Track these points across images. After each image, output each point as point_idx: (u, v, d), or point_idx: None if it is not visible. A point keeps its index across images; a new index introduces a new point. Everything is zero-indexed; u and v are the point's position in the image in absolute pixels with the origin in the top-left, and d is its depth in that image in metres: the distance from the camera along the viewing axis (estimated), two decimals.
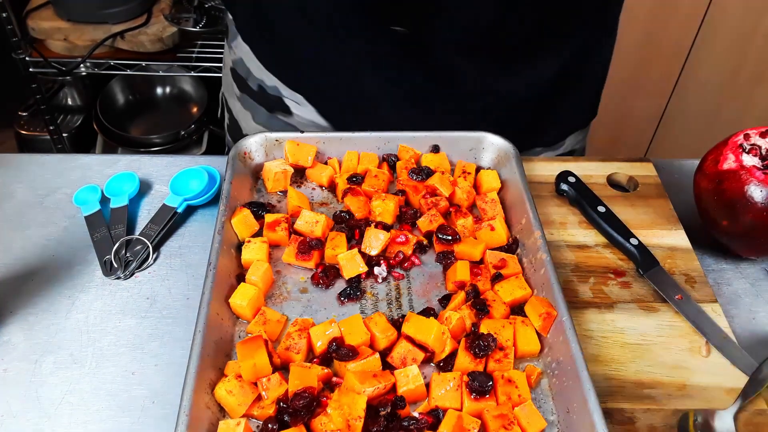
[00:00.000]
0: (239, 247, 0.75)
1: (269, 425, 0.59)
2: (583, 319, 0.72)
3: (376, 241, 0.75)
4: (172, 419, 0.56)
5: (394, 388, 0.63)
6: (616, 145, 2.21)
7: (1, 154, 0.91)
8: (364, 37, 0.85)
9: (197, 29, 1.77)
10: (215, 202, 0.85)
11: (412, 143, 0.85)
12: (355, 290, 0.72)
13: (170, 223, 0.81)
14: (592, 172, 0.89)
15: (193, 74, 1.91)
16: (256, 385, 0.62)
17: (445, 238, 0.76)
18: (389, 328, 0.67)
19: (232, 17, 0.96)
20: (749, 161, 0.72)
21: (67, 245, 0.79)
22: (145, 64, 1.80)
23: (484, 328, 0.67)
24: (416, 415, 0.61)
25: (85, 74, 1.92)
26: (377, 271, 0.74)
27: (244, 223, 0.76)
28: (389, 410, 0.61)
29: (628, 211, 0.84)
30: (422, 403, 0.63)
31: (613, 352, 0.69)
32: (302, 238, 0.75)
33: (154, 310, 0.73)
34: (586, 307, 0.74)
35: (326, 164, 0.85)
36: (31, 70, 1.79)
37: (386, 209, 0.78)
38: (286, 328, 0.69)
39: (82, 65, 1.77)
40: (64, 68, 1.76)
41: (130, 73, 1.83)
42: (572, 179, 0.84)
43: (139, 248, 0.78)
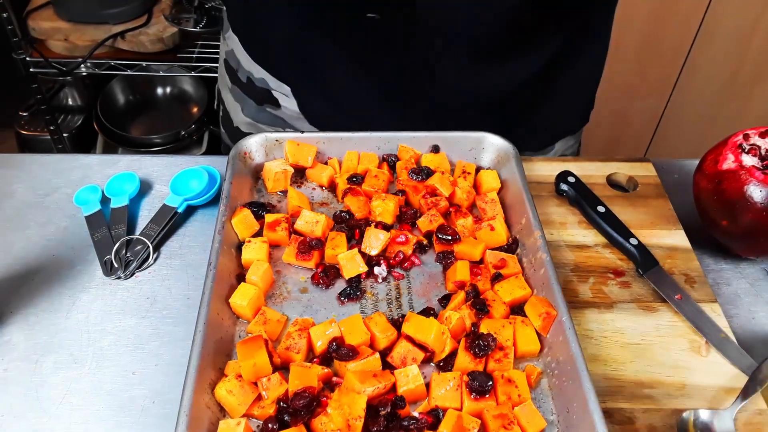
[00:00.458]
0: (239, 247, 0.75)
1: (269, 425, 0.59)
2: (582, 319, 0.72)
3: (376, 241, 0.75)
4: (172, 419, 0.56)
5: (394, 387, 0.63)
6: (615, 145, 2.21)
7: (1, 154, 0.91)
8: (339, 25, 0.84)
9: (197, 29, 1.78)
10: (215, 202, 0.85)
11: (412, 143, 0.85)
12: (355, 290, 0.72)
13: (170, 223, 0.81)
14: (591, 172, 0.89)
15: (193, 74, 1.91)
16: (256, 384, 0.62)
17: (445, 238, 0.76)
18: (389, 328, 0.67)
19: (225, 8, 0.96)
20: (749, 161, 0.72)
21: (67, 245, 0.80)
22: (145, 64, 1.80)
23: (484, 327, 0.67)
24: (416, 414, 0.61)
25: (85, 74, 1.92)
26: (377, 271, 0.74)
27: (244, 223, 0.76)
28: (389, 410, 0.61)
29: (627, 211, 0.84)
30: (422, 402, 0.63)
31: (612, 352, 0.69)
32: (302, 238, 0.76)
33: (154, 309, 0.73)
34: (585, 306, 0.74)
35: (326, 164, 0.85)
36: (31, 70, 1.79)
37: (386, 209, 0.78)
38: (286, 327, 0.69)
39: (82, 65, 1.77)
40: (64, 68, 1.76)
41: (130, 73, 1.83)
42: (572, 179, 0.85)
43: (139, 248, 0.79)
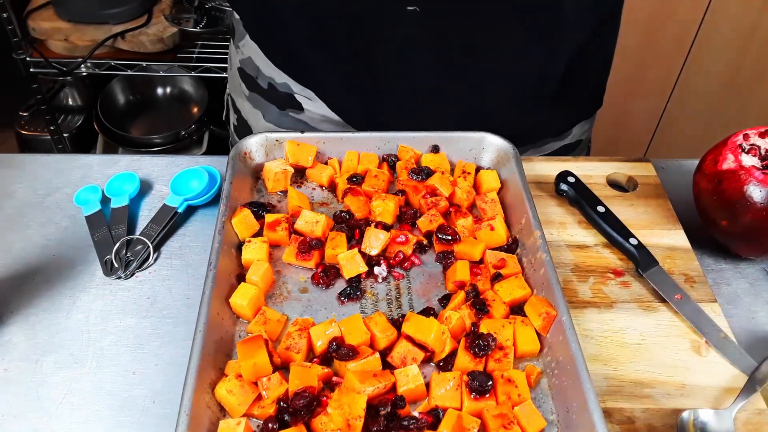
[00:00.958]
0: (239, 247, 0.75)
1: (269, 425, 0.59)
2: (582, 318, 0.72)
3: (376, 241, 0.75)
4: (172, 419, 0.56)
5: (394, 387, 0.63)
6: (615, 145, 2.21)
7: (1, 154, 0.92)
8: (380, 23, 0.83)
9: (198, 30, 1.78)
10: (215, 202, 0.85)
11: (412, 143, 0.85)
12: (355, 290, 0.72)
13: (171, 223, 0.81)
14: (591, 172, 0.89)
15: (193, 74, 1.91)
16: (256, 384, 0.62)
17: (445, 238, 0.76)
18: (389, 327, 0.67)
19: (239, 17, 0.96)
20: (748, 161, 0.72)
21: (67, 245, 0.80)
22: (145, 64, 1.80)
23: (483, 327, 0.67)
24: (416, 414, 0.61)
25: (85, 74, 1.92)
26: (377, 271, 0.74)
27: (244, 223, 0.76)
28: (389, 410, 0.61)
29: (627, 210, 0.84)
30: (422, 402, 0.63)
31: (612, 351, 0.70)
32: (302, 238, 0.76)
33: (154, 309, 0.73)
34: (585, 306, 0.74)
35: (326, 164, 0.85)
36: (31, 70, 1.79)
37: (386, 209, 0.78)
38: (286, 327, 0.69)
39: (82, 65, 1.77)
40: (64, 68, 1.76)
41: (130, 73, 1.83)
42: (572, 179, 0.85)
43: (139, 248, 0.79)
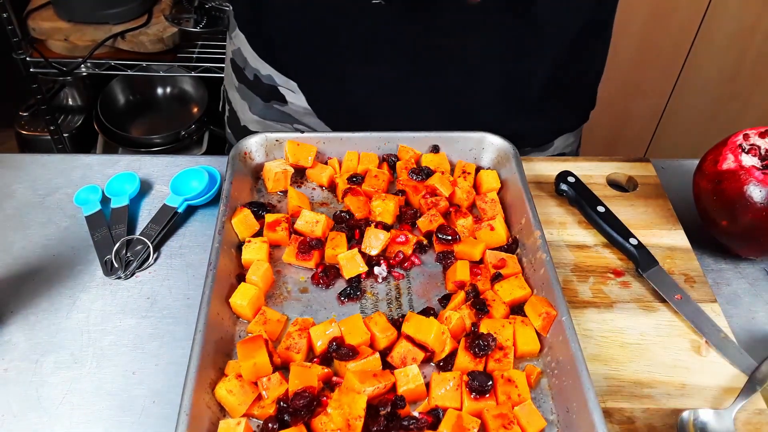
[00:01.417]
0: (239, 247, 0.75)
1: (269, 425, 0.59)
2: (582, 318, 0.72)
3: (376, 241, 0.75)
4: (172, 419, 0.57)
5: (394, 387, 0.63)
6: (615, 145, 2.21)
7: (1, 154, 0.92)
8: (344, 15, 0.83)
9: (197, 29, 1.78)
10: (215, 202, 0.85)
11: (412, 143, 0.85)
12: (355, 290, 0.72)
13: (171, 223, 0.81)
14: (591, 172, 0.89)
15: (193, 74, 1.91)
16: (256, 384, 0.62)
17: (445, 238, 0.76)
18: (389, 327, 0.67)
19: (231, 8, 0.97)
20: (748, 161, 0.73)
21: (67, 245, 0.80)
22: (145, 64, 1.80)
23: (483, 327, 0.67)
24: (416, 414, 0.61)
25: (85, 74, 1.92)
26: (377, 271, 0.74)
27: (244, 223, 0.76)
28: (389, 410, 0.61)
29: (627, 211, 0.84)
30: (422, 402, 0.63)
31: (612, 351, 0.70)
32: (302, 238, 0.76)
33: (154, 309, 0.73)
34: (585, 306, 0.74)
35: (326, 164, 0.85)
36: (31, 70, 1.79)
37: (386, 209, 0.78)
38: (286, 327, 0.69)
39: (82, 65, 1.77)
40: (64, 68, 1.76)
41: (130, 73, 1.83)
42: (572, 179, 0.85)
43: (139, 248, 0.79)
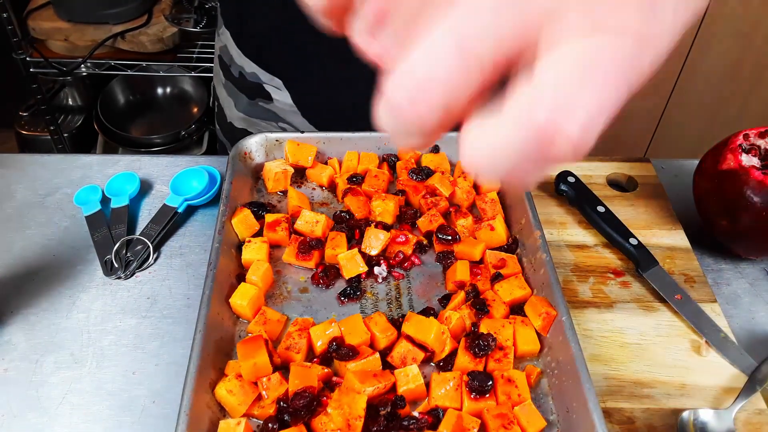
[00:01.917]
0: (239, 247, 0.75)
1: (269, 425, 0.59)
2: (582, 318, 0.72)
3: (376, 241, 0.75)
4: (172, 419, 0.56)
5: (394, 387, 0.63)
6: (615, 144, 2.20)
7: (1, 154, 0.92)
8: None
9: (197, 29, 1.78)
10: (215, 202, 0.85)
11: None
12: (355, 290, 0.72)
13: (171, 223, 0.81)
14: (591, 172, 0.89)
15: (193, 74, 1.91)
16: (256, 384, 0.62)
17: (445, 238, 0.76)
18: (389, 327, 0.67)
19: (219, 4, 0.97)
20: (748, 161, 0.72)
21: (67, 245, 0.80)
22: (145, 64, 1.80)
23: (483, 327, 0.67)
24: (416, 414, 0.61)
25: (85, 74, 1.92)
26: (377, 271, 0.74)
27: (244, 223, 0.76)
28: (389, 410, 0.61)
29: (627, 211, 0.84)
30: (422, 402, 0.63)
31: (612, 351, 0.70)
32: (302, 238, 0.76)
33: (154, 309, 0.73)
34: (585, 306, 0.74)
35: (326, 164, 0.85)
36: (31, 70, 1.79)
37: (386, 209, 0.78)
38: (286, 327, 0.69)
39: (82, 65, 1.77)
40: (64, 68, 1.76)
41: (130, 73, 1.83)
42: (572, 179, 0.85)
43: (139, 248, 0.79)
